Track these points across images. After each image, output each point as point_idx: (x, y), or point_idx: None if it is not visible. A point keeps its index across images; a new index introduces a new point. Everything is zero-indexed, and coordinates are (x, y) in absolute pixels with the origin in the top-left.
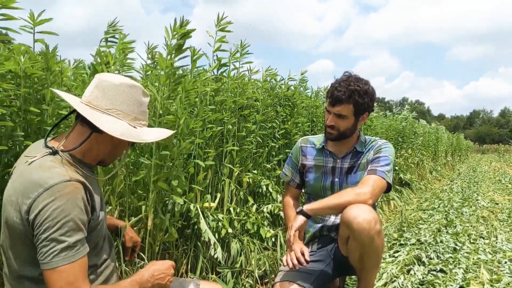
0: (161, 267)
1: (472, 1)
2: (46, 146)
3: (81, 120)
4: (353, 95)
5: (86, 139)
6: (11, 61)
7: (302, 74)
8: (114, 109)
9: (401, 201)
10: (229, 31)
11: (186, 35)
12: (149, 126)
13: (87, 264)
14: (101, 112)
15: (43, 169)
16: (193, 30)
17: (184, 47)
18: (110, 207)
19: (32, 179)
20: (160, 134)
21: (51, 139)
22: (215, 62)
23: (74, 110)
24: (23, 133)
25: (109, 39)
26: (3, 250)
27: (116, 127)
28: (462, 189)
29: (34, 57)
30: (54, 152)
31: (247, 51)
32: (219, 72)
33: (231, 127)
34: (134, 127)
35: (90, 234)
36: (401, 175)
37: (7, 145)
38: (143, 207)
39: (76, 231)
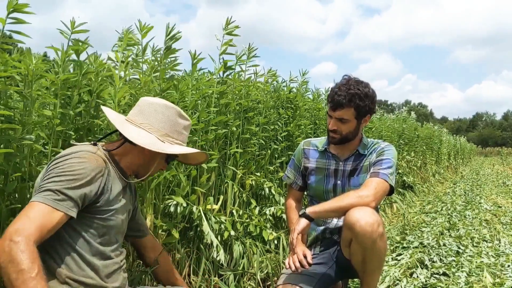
0: None
1: (475, 4)
2: (93, 142)
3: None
4: (354, 98)
5: (119, 145)
6: (23, 63)
7: (303, 75)
8: (146, 123)
9: (404, 204)
10: (236, 35)
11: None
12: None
13: (54, 225)
14: (134, 125)
15: (77, 147)
16: (179, 34)
17: (175, 49)
18: None
19: (64, 152)
20: (185, 149)
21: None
22: (221, 65)
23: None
24: (33, 136)
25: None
26: None
27: (139, 136)
28: (465, 192)
29: (64, 62)
30: (94, 144)
31: (255, 54)
32: (225, 75)
33: (235, 129)
34: (163, 141)
35: (100, 217)
36: (404, 178)
37: (15, 148)
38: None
39: (71, 186)
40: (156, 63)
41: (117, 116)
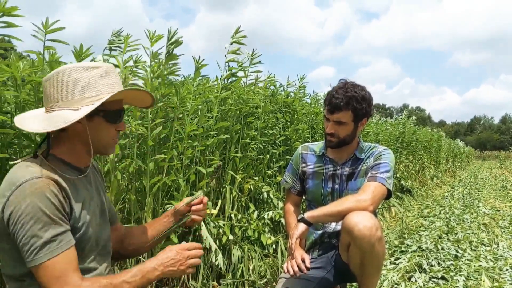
0: (170, 254)
1: (473, 8)
2: (34, 153)
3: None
4: (351, 101)
5: (45, 138)
6: (12, 67)
7: (300, 80)
8: (53, 103)
9: (402, 208)
10: (243, 44)
11: (175, 43)
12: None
13: (75, 256)
14: (48, 112)
15: (20, 168)
16: (181, 39)
17: (176, 55)
18: None
19: (8, 179)
20: (90, 107)
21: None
22: (226, 71)
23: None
24: (24, 141)
25: (112, 47)
26: None
27: (39, 121)
28: (463, 196)
29: (42, 64)
30: (35, 156)
31: (259, 61)
32: (229, 81)
33: (234, 134)
34: (77, 109)
35: (72, 235)
36: (402, 182)
37: (8, 153)
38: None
39: (52, 225)
40: (157, 68)
41: (24, 116)
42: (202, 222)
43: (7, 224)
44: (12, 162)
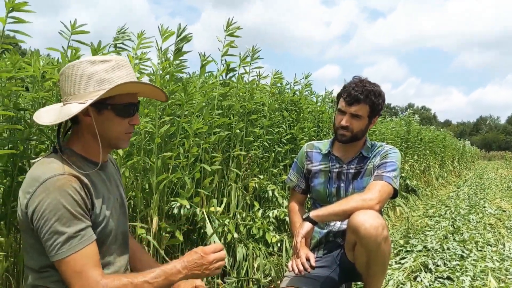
0: (195, 257)
1: (480, 8)
2: (53, 147)
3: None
4: (370, 95)
5: (62, 133)
6: (33, 66)
7: (306, 78)
8: (65, 96)
9: (407, 208)
10: (237, 36)
11: (184, 39)
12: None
13: (96, 251)
14: (62, 106)
15: (42, 164)
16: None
17: (184, 52)
18: None
19: (31, 175)
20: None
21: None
22: (223, 67)
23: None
24: (35, 137)
25: (118, 45)
26: (22, 241)
27: (48, 115)
28: (469, 196)
29: (65, 62)
30: (56, 151)
31: (258, 56)
32: (228, 76)
33: (238, 131)
34: (84, 102)
35: (94, 231)
36: (407, 182)
37: (21, 149)
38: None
39: (74, 221)
40: (166, 65)
41: (42, 111)
42: (207, 220)
43: (31, 219)
44: (33, 161)
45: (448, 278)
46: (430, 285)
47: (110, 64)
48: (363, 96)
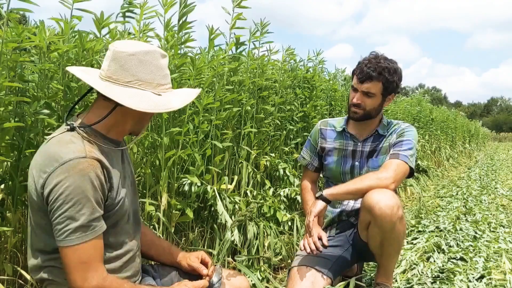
0: None
1: None
2: (66, 123)
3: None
4: (383, 72)
5: (109, 112)
6: (38, 36)
7: (317, 55)
8: (135, 80)
9: (418, 188)
10: (245, 7)
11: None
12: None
13: (102, 244)
14: (123, 86)
15: (61, 144)
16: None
17: (189, 22)
18: None
19: (49, 154)
20: (187, 98)
21: (77, 114)
22: (232, 41)
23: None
24: (48, 111)
25: (126, 14)
26: (28, 221)
27: (140, 100)
28: (480, 177)
29: (68, 33)
30: (72, 128)
31: (267, 30)
32: (238, 51)
33: (249, 108)
34: (159, 94)
35: (108, 213)
36: (418, 162)
37: (29, 122)
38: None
39: (90, 209)
40: (171, 37)
41: (97, 78)
42: (218, 197)
43: (46, 200)
44: (49, 137)
45: (462, 259)
46: (443, 265)
47: (167, 59)
48: (376, 73)
